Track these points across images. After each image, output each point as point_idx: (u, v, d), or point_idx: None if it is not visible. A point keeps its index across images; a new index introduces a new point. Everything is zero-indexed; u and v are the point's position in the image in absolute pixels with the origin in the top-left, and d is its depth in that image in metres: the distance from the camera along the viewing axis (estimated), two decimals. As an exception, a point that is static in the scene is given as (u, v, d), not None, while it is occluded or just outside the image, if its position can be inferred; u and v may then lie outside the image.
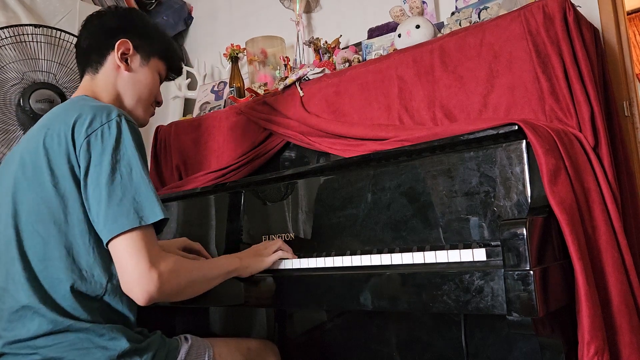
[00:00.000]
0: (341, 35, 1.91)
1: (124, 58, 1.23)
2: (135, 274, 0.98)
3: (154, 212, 1.02)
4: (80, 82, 1.27)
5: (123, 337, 1.03)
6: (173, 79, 1.39)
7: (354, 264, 1.16)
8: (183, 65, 1.39)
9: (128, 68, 1.24)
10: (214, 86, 2.30)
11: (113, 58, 1.22)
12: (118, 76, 1.23)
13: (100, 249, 1.04)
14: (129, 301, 1.07)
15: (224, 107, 2.11)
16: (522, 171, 1.05)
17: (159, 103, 1.34)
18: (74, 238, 1.04)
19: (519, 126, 1.04)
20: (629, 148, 1.47)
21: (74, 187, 1.03)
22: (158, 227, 1.06)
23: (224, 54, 2.19)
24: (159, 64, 1.30)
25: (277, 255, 1.28)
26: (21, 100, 1.92)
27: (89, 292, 1.04)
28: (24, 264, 1.04)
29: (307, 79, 1.69)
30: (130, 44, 1.23)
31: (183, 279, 1.06)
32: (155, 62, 1.29)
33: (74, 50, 1.32)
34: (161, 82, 1.33)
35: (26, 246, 1.05)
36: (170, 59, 1.33)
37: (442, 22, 1.68)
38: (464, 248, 1.03)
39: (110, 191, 1.00)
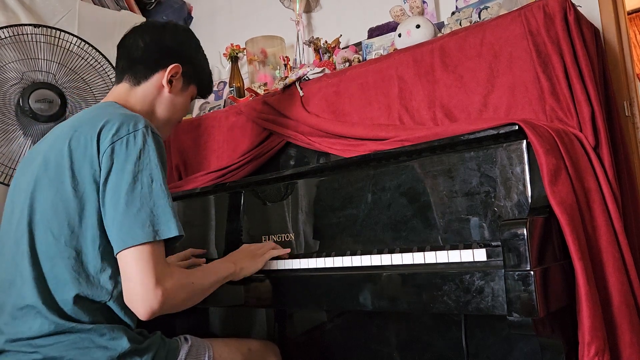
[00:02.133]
0: (341, 35, 1.91)
1: (170, 80, 1.25)
2: (140, 290, 0.97)
3: (169, 228, 1.01)
4: (115, 84, 1.28)
5: (124, 337, 1.04)
6: (196, 98, 1.42)
7: (354, 264, 1.16)
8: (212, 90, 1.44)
9: (171, 90, 1.25)
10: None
11: (160, 77, 1.24)
12: (159, 95, 1.25)
13: (109, 256, 1.04)
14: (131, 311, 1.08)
15: (224, 107, 2.11)
16: (523, 171, 1.05)
17: (179, 122, 1.37)
18: (85, 242, 1.04)
19: (519, 126, 1.04)
20: (630, 148, 1.47)
21: (93, 192, 1.04)
22: (170, 241, 1.05)
23: (223, 54, 2.18)
24: (194, 89, 1.34)
25: (269, 255, 1.29)
26: (20, 100, 1.92)
27: (94, 297, 1.04)
28: (32, 260, 1.05)
29: (307, 78, 1.69)
30: (181, 70, 1.26)
31: (185, 293, 1.05)
32: (192, 88, 1.33)
33: (73, 46, 1.32)
34: None
35: (37, 242, 1.06)
36: (206, 87, 1.37)
37: (443, 22, 1.67)
38: (465, 248, 1.03)
39: (129, 200, 1.00)
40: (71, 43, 2.00)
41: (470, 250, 1.01)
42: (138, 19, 2.46)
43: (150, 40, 1.25)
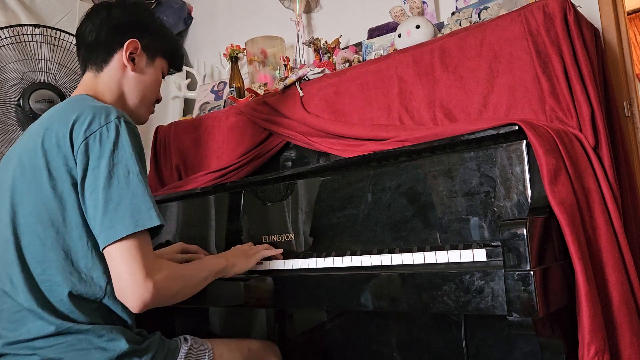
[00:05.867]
0: (341, 35, 1.91)
1: (131, 58, 1.20)
2: (131, 283, 0.97)
3: (150, 217, 1.00)
4: (81, 77, 1.24)
5: (122, 338, 1.03)
6: (171, 74, 1.38)
7: (354, 264, 1.16)
8: (184, 62, 1.37)
9: (134, 68, 1.21)
10: (213, 86, 2.30)
11: (120, 57, 1.20)
12: (124, 76, 1.21)
13: (99, 252, 1.03)
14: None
15: (224, 107, 2.11)
16: (523, 171, 1.05)
17: (158, 100, 1.32)
18: (72, 241, 1.03)
19: (519, 126, 1.04)
20: (629, 148, 1.47)
21: (71, 190, 1.02)
22: (153, 232, 1.04)
23: (223, 54, 2.18)
24: (163, 62, 1.29)
25: (261, 255, 1.30)
26: (21, 101, 1.92)
27: (89, 295, 1.04)
28: (22, 266, 1.03)
29: (307, 79, 1.69)
30: (139, 44, 1.21)
31: (176, 285, 1.05)
32: (159, 61, 1.27)
33: (73, 46, 1.30)
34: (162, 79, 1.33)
35: (24, 248, 1.05)
36: (174, 58, 1.32)
37: (442, 22, 1.67)
38: (464, 248, 1.03)
39: (107, 196, 0.99)
40: (71, 43, 2.01)
41: (470, 251, 1.01)
42: (138, 19, 2.45)
43: (100, 21, 1.20)
